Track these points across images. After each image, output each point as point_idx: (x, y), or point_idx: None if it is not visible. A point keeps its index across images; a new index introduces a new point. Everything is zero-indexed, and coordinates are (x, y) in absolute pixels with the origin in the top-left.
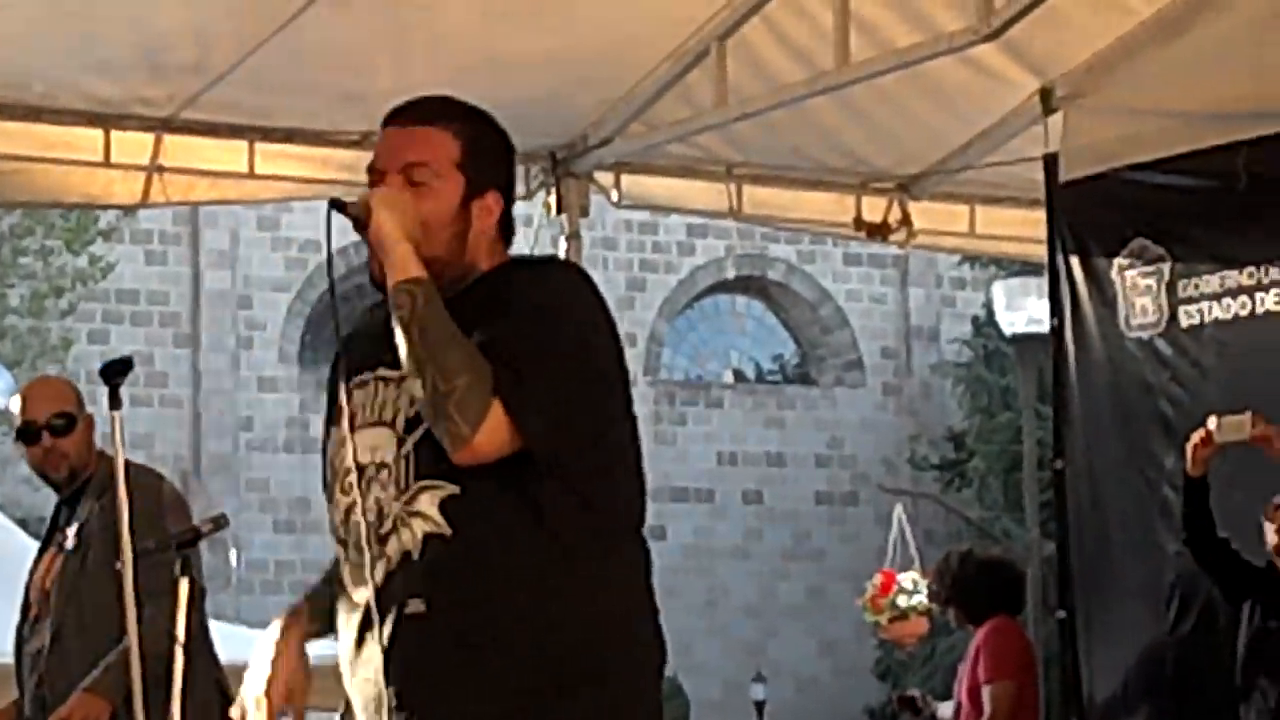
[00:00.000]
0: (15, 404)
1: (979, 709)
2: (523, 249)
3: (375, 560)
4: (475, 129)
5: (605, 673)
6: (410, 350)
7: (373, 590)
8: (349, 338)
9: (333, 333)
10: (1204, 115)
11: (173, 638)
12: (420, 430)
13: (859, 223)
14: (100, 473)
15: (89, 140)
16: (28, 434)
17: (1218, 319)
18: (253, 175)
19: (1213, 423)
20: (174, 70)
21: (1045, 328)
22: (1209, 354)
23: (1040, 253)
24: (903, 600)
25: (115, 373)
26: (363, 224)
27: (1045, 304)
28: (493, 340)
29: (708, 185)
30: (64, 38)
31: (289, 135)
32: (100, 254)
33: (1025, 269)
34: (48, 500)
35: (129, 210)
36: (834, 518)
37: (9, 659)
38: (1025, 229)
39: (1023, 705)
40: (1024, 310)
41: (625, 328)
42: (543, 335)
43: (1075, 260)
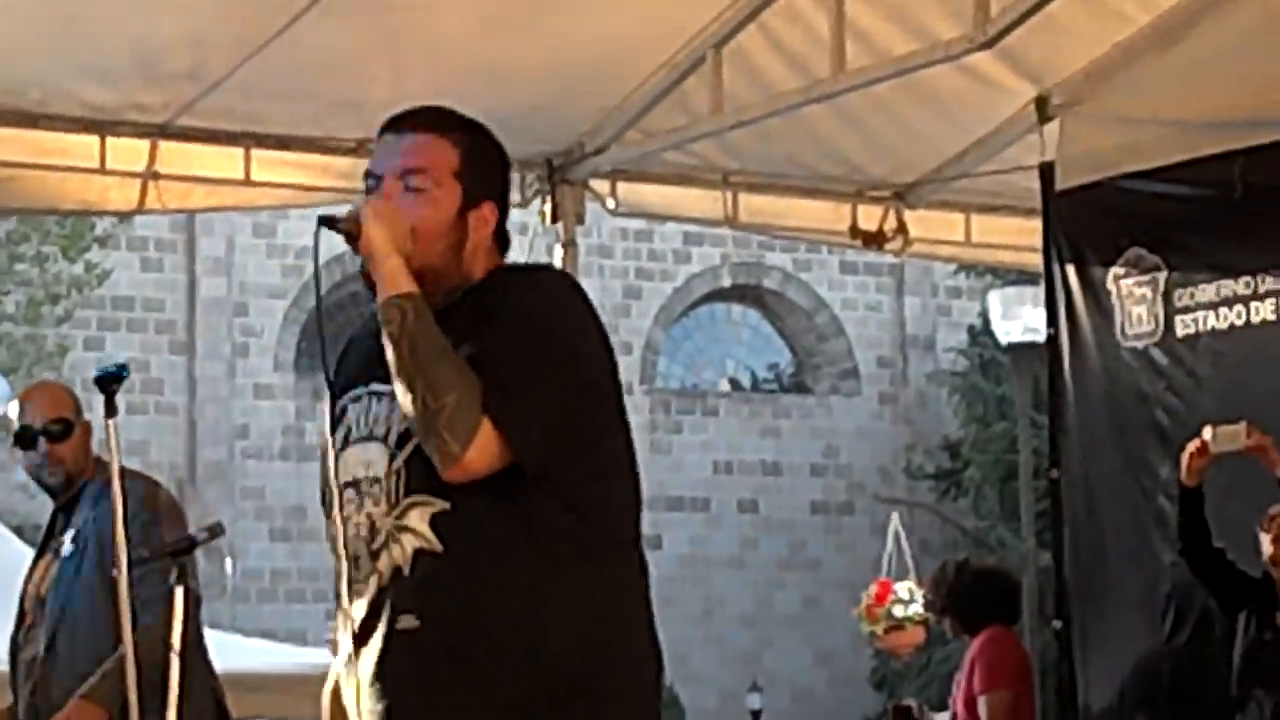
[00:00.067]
0: (13, 409)
1: (975, 719)
2: (518, 257)
3: (368, 575)
4: (473, 140)
5: (600, 686)
6: (400, 366)
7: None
8: (346, 348)
9: (329, 338)
10: (1200, 124)
11: (168, 646)
12: (411, 445)
13: (855, 231)
14: (96, 480)
15: (85, 147)
16: (24, 439)
17: (1213, 328)
18: (249, 182)
19: (1208, 433)
20: (170, 77)
21: (1041, 337)
22: (1204, 363)
23: (1036, 261)
24: (899, 610)
25: (110, 380)
26: (354, 238)
27: (1041, 313)
28: (482, 351)
29: (703, 193)
30: (60, 44)
31: (285, 142)
32: (96, 261)
33: (1021, 278)
34: (43, 508)
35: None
36: (830, 527)
37: (4, 666)
38: (1021, 238)
39: (1019, 715)
40: (1020, 319)
41: (621, 336)
42: (532, 345)
43: (1071, 269)
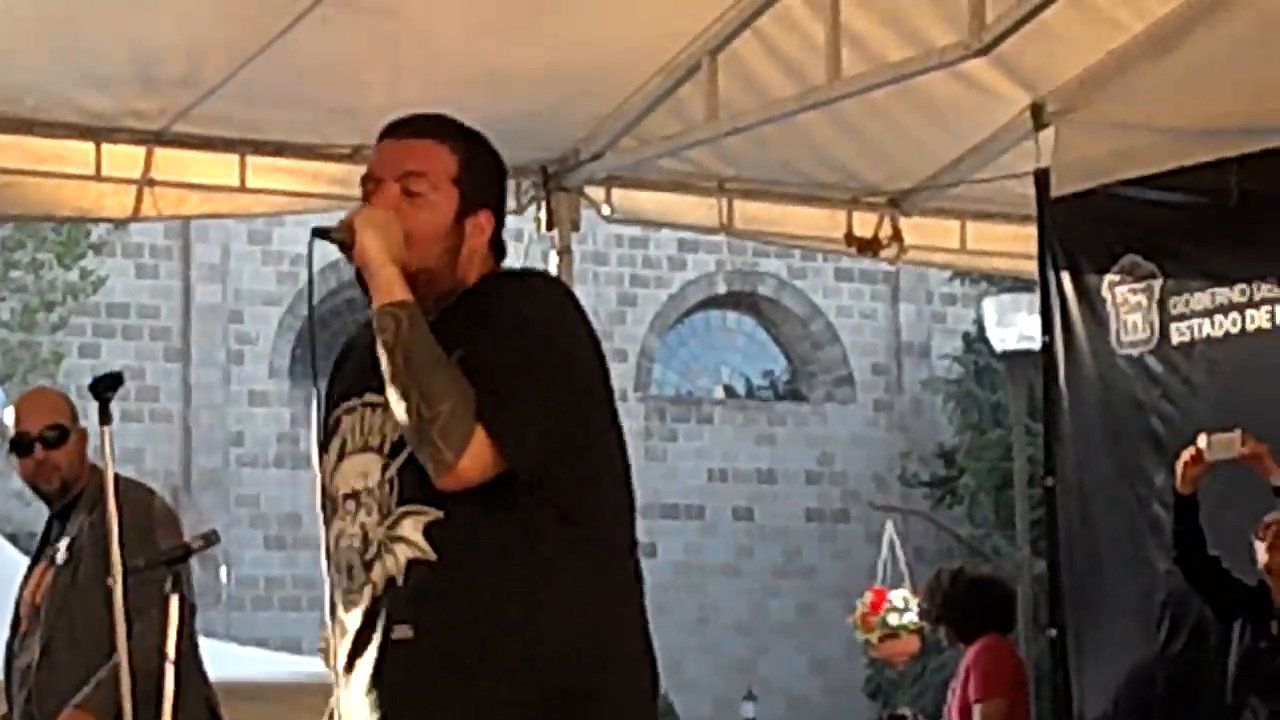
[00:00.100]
0: (9, 415)
1: None
2: (514, 264)
3: (362, 585)
4: (472, 149)
5: (595, 693)
6: (394, 374)
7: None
8: (343, 355)
9: (324, 348)
10: (1195, 131)
11: (163, 654)
12: (404, 455)
13: (850, 238)
14: (92, 487)
15: (80, 153)
16: (20, 445)
17: (1209, 336)
18: (244, 189)
19: (1203, 441)
20: (166, 84)
21: (1036, 344)
22: (1200, 371)
23: (1031, 268)
24: (893, 618)
25: (105, 388)
26: (348, 247)
27: (1036, 320)
28: (475, 356)
29: (699, 200)
30: (56, 51)
31: (280, 149)
32: (91, 268)
33: (1016, 285)
34: (39, 516)
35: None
36: (825, 535)
37: None
38: (1016, 244)
39: None
40: (1015, 326)
41: (616, 343)
42: (526, 351)
43: (1066, 276)
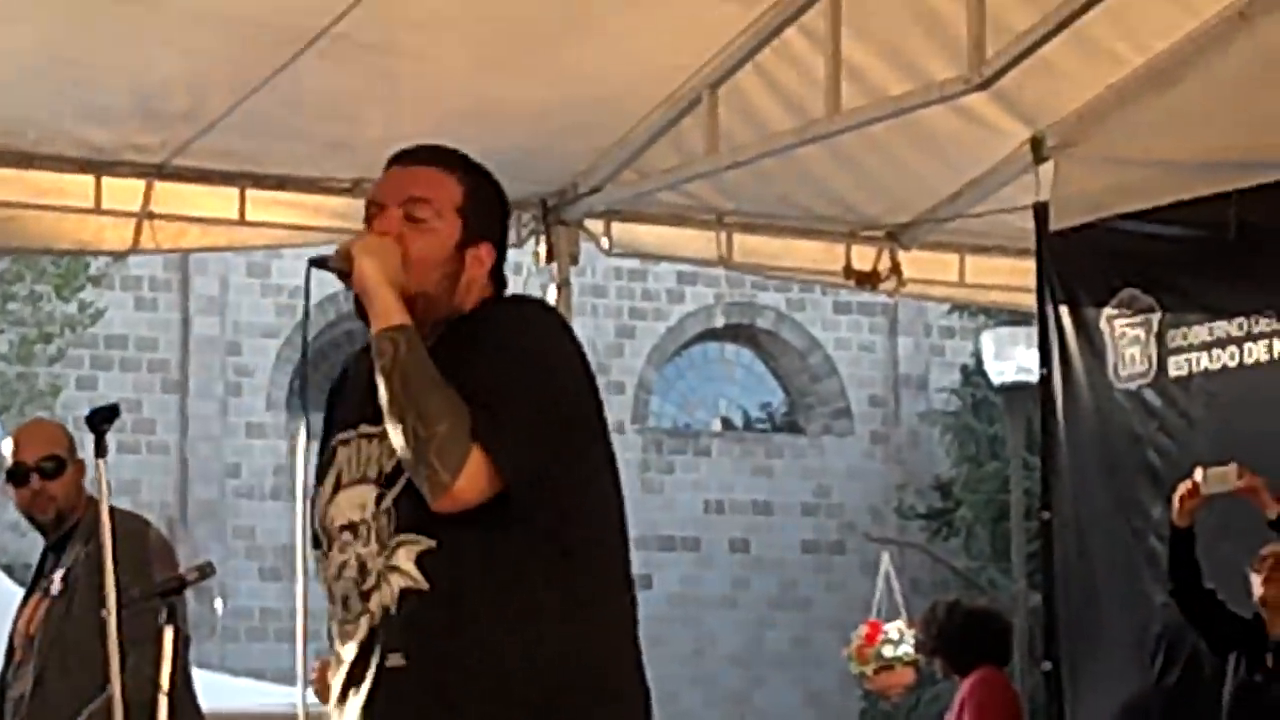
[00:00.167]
0: (6, 446)
1: None
2: None
3: (359, 616)
4: (476, 180)
5: None
6: (391, 397)
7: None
8: (340, 383)
9: (322, 379)
10: (1194, 165)
11: (156, 686)
12: (400, 484)
13: (849, 271)
14: (88, 518)
15: (80, 187)
16: (16, 475)
17: (1206, 370)
18: (243, 222)
19: (1199, 474)
20: (166, 117)
21: (1034, 377)
22: (1197, 405)
23: (1029, 302)
24: (888, 650)
25: (101, 420)
26: (346, 275)
27: (1034, 353)
28: (471, 380)
29: (698, 233)
30: (57, 84)
31: (280, 182)
32: (90, 300)
33: (1014, 318)
34: (34, 546)
35: (119, 257)
36: (820, 566)
37: None
38: (1015, 278)
39: None
40: (1013, 359)
41: (614, 375)
42: (520, 376)
43: (1064, 310)
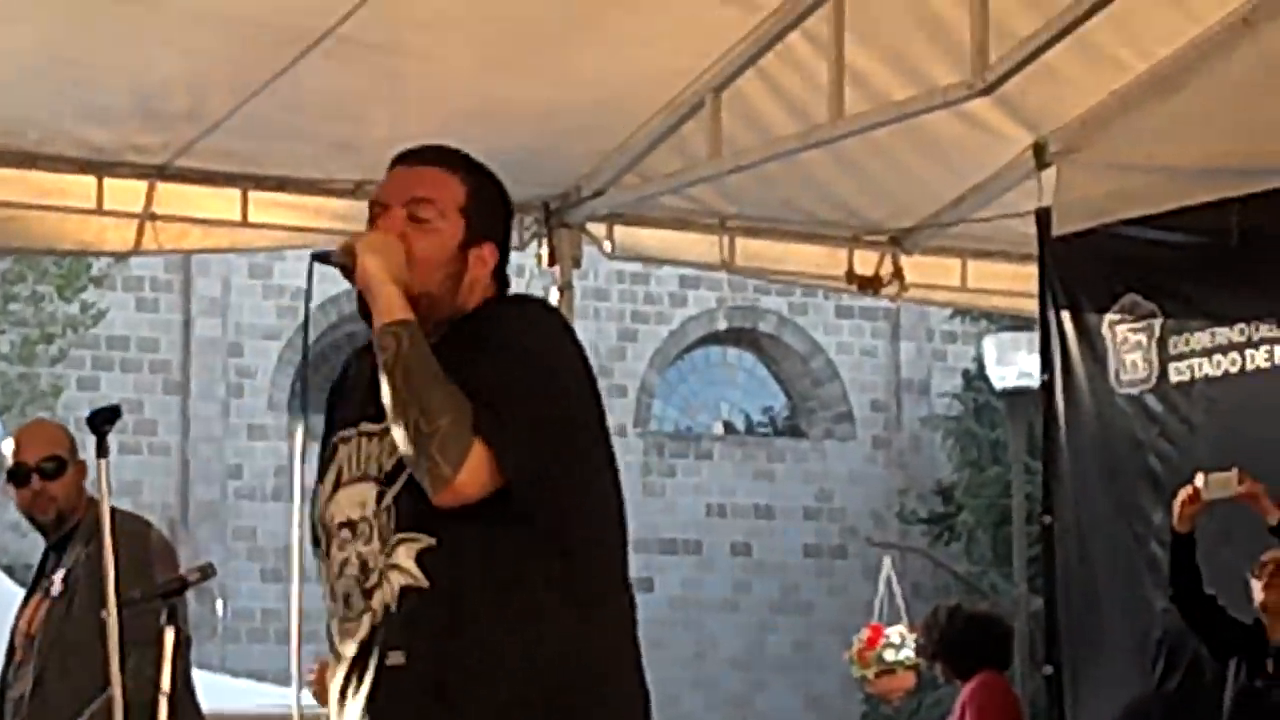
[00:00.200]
0: (7, 446)
1: None
2: None
3: (361, 614)
4: (480, 181)
5: None
6: (393, 392)
7: (357, 644)
8: (342, 380)
9: (323, 380)
10: (1196, 171)
11: (157, 687)
12: (401, 481)
13: (851, 276)
14: (89, 519)
15: (82, 187)
16: (17, 475)
17: (1208, 375)
18: (245, 223)
19: (1200, 479)
20: (168, 118)
21: (1036, 382)
22: (1198, 411)
23: (1031, 307)
24: (890, 654)
25: (102, 421)
26: (349, 270)
27: (1036, 359)
28: (474, 377)
29: (700, 237)
30: (58, 85)
31: (282, 184)
32: (92, 300)
33: (1016, 323)
34: (35, 547)
35: (121, 257)
36: (822, 570)
37: None
38: (1016, 283)
39: None
40: (1015, 364)
41: (616, 379)
42: (522, 374)
43: (1066, 315)
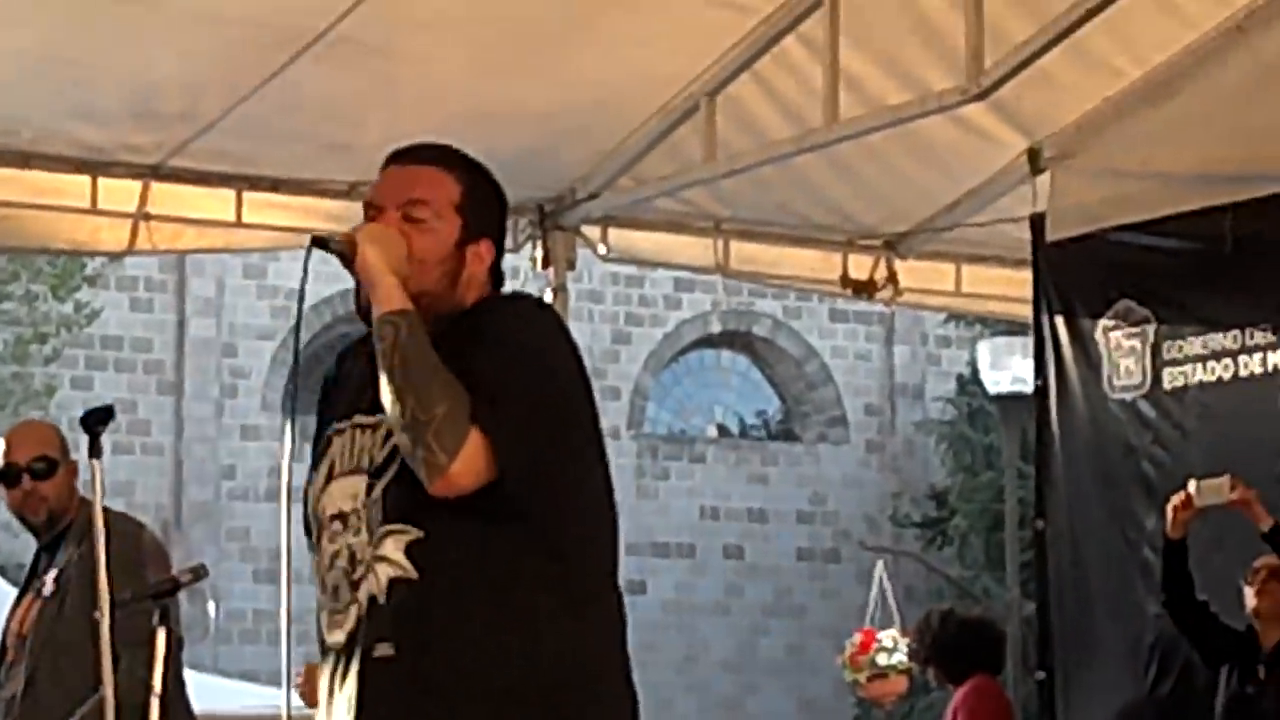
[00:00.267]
0: None
1: None
2: None
3: (349, 605)
4: (474, 178)
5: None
6: (391, 380)
7: (344, 635)
8: (337, 372)
9: (317, 382)
10: (1190, 177)
11: (149, 688)
12: (390, 473)
13: (845, 280)
14: (81, 519)
15: (77, 187)
16: (8, 476)
17: (1201, 382)
18: (240, 224)
19: (1192, 486)
20: (163, 118)
21: (1029, 387)
22: (1191, 416)
23: (1025, 312)
24: (882, 659)
25: (96, 421)
26: (348, 259)
27: (1030, 364)
28: (469, 371)
29: (695, 240)
30: (55, 84)
31: (276, 184)
32: (85, 300)
33: (1010, 328)
34: (27, 547)
35: (115, 257)
36: (815, 574)
37: None
38: (1011, 288)
39: None
40: (1008, 369)
41: (610, 381)
42: (518, 368)
43: (1060, 320)
